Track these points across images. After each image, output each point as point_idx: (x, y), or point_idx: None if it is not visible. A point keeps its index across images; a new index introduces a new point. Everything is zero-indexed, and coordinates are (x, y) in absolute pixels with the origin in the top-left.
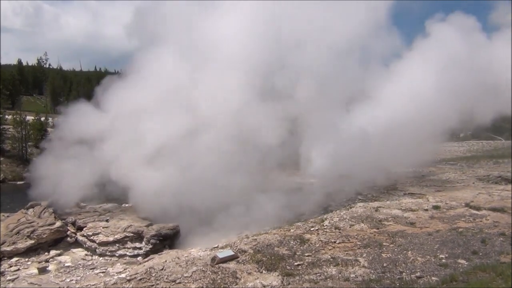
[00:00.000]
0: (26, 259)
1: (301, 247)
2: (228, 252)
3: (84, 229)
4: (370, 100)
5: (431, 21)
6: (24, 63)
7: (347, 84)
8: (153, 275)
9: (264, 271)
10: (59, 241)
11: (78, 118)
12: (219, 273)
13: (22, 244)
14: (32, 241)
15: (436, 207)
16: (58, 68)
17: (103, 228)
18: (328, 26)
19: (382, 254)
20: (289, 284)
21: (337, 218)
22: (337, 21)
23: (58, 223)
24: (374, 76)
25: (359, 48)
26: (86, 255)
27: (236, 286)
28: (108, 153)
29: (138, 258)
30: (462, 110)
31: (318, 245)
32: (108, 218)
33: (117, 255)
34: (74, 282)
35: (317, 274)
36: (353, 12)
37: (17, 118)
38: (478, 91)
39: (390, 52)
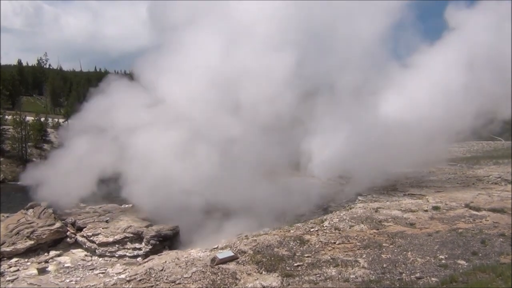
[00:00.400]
0: (26, 260)
1: (301, 248)
2: (228, 253)
3: (84, 229)
4: (380, 97)
5: (453, 9)
6: (24, 63)
7: (363, 80)
8: (153, 275)
9: (264, 272)
10: (58, 241)
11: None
12: (219, 274)
13: (22, 245)
14: (32, 242)
15: (436, 208)
16: (58, 68)
17: (102, 228)
18: (356, 20)
19: (382, 255)
20: (288, 284)
21: (337, 219)
22: (364, 16)
23: (58, 224)
24: (387, 73)
25: (380, 44)
26: (85, 255)
27: (236, 287)
28: (139, 144)
29: (138, 259)
30: (485, 110)
31: (318, 246)
32: (108, 218)
33: (116, 255)
34: (73, 282)
35: (317, 275)
36: (379, 7)
37: (17, 119)
38: (502, 89)
39: (406, 47)
